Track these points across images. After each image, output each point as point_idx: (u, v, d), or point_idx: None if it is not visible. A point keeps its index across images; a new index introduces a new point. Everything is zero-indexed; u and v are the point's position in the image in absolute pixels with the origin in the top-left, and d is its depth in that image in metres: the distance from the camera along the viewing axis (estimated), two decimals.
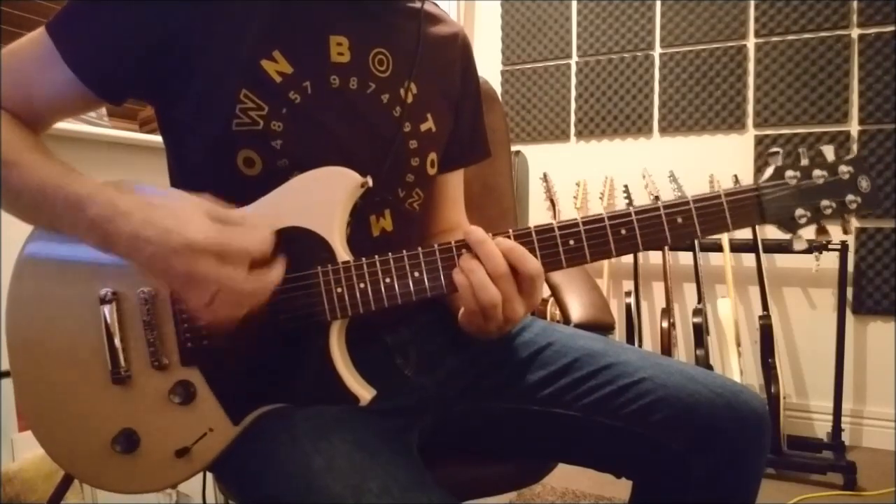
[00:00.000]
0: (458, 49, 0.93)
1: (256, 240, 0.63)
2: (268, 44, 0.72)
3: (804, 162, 0.70)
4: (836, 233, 0.72)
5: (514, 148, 2.65)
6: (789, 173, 0.70)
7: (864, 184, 0.70)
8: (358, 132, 0.77)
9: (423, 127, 0.84)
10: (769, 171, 0.70)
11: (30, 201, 0.67)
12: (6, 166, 0.66)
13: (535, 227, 0.70)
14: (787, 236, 0.71)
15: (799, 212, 0.70)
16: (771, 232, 2.35)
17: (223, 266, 0.60)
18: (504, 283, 0.67)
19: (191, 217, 0.61)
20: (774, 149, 0.71)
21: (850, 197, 0.70)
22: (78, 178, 0.66)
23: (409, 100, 0.81)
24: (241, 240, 0.62)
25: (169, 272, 0.61)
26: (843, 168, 0.70)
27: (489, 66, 2.90)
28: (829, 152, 0.70)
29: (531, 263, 0.68)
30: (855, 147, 2.35)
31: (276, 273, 0.65)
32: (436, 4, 0.93)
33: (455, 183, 0.99)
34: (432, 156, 0.86)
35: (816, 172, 0.70)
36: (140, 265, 0.63)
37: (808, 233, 0.71)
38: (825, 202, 0.70)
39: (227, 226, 0.62)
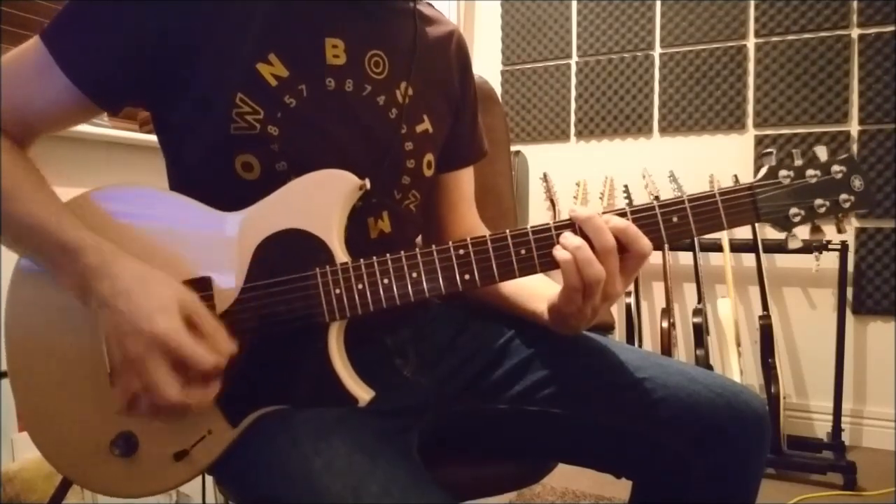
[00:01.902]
0: (454, 48, 0.93)
1: (212, 358, 0.63)
2: (263, 47, 0.72)
3: (798, 162, 0.71)
4: (835, 233, 0.72)
5: (514, 148, 2.65)
6: (783, 173, 0.70)
7: (857, 183, 0.70)
8: (354, 134, 0.78)
9: (420, 128, 0.84)
10: (763, 171, 0.71)
11: (21, 238, 0.68)
12: (4, 201, 0.66)
13: (532, 227, 0.71)
14: (783, 235, 0.71)
15: (793, 211, 0.70)
16: (771, 232, 2.35)
17: (166, 371, 0.61)
18: (610, 258, 0.68)
19: (167, 308, 0.62)
20: (768, 149, 0.72)
21: (843, 196, 0.70)
22: (75, 223, 0.66)
23: (405, 101, 0.82)
24: (197, 354, 0.62)
25: (120, 345, 0.62)
26: (836, 168, 0.70)
27: (489, 66, 2.91)
28: (822, 152, 0.70)
29: (644, 242, 0.69)
30: (855, 147, 2.35)
31: (204, 396, 0.65)
32: (430, 5, 0.93)
33: (468, 181, 1.00)
34: (428, 157, 0.86)
35: (809, 172, 0.70)
36: (102, 324, 0.64)
37: (804, 232, 0.72)
38: (819, 201, 0.70)
39: (196, 332, 0.63)
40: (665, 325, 2.36)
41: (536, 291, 0.83)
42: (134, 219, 0.72)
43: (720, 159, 2.54)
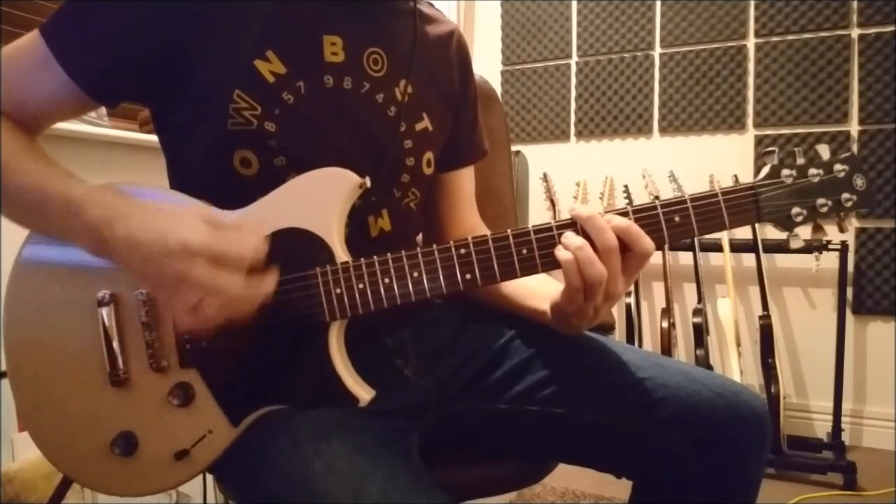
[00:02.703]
0: (454, 47, 0.93)
1: (251, 246, 0.63)
2: (261, 44, 0.72)
3: (800, 161, 0.71)
4: (835, 233, 0.72)
5: (514, 148, 2.65)
6: (785, 172, 0.70)
7: (859, 182, 0.70)
8: (352, 132, 0.77)
9: (419, 126, 0.84)
10: (765, 170, 0.71)
11: (25, 205, 0.67)
12: (3, 171, 0.66)
13: (534, 227, 0.71)
14: (785, 235, 0.71)
15: (795, 210, 0.70)
16: (771, 232, 2.35)
17: (217, 270, 0.60)
18: (611, 258, 0.68)
19: (187, 220, 0.61)
20: (770, 148, 0.72)
21: (845, 195, 0.70)
22: (74, 182, 0.66)
23: (404, 100, 0.81)
24: (236, 245, 0.62)
25: (162, 274, 0.61)
26: (839, 167, 0.70)
27: (489, 66, 2.90)
28: (824, 151, 0.70)
29: (647, 242, 0.69)
30: (855, 147, 2.35)
31: (268, 282, 0.65)
32: (430, 4, 0.93)
33: (468, 181, 1.00)
34: (428, 155, 0.86)
35: (812, 171, 0.70)
36: (134, 268, 0.63)
37: (805, 231, 0.71)
38: (821, 200, 0.70)
39: (222, 230, 0.62)
40: (665, 325, 2.36)
41: (538, 291, 0.83)
42: None
43: (720, 159, 2.54)
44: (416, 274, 0.70)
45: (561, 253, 0.69)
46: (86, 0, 0.70)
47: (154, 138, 0.81)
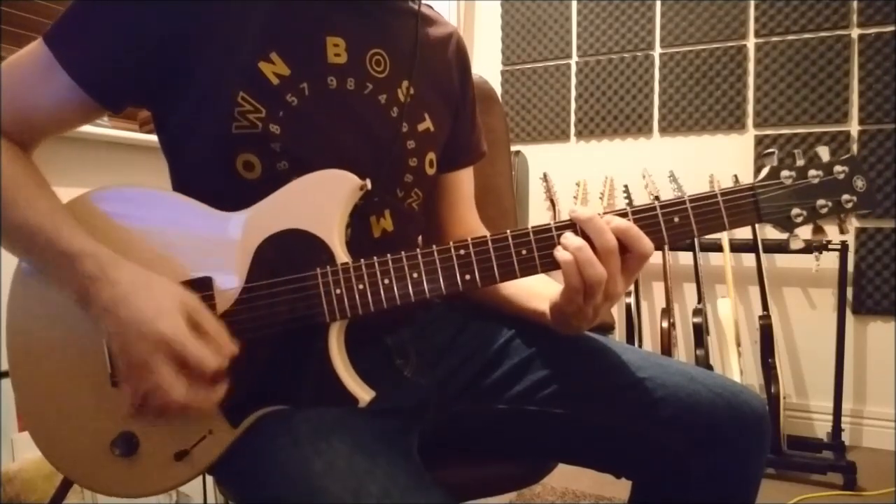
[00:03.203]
0: (454, 50, 0.93)
1: (215, 362, 0.64)
2: (265, 45, 0.72)
3: (800, 162, 0.71)
4: (835, 233, 0.72)
5: (514, 148, 2.66)
6: (785, 173, 0.70)
7: (859, 183, 0.70)
8: (356, 133, 0.78)
9: (421, 127, 0.84)
10: (765, 171, 0.71)
11: (19, 242, 0.68)
12: (4, 208, 0.66)
13: (533, 227, 0.71)
14: (785, 236, 0.71)
15: (795, 211, 0.70)
16: (771, 232, 2.35)
17: (172, 372, 0.62)
18: (611, 259, 0.68)
19: (169, 311, 0.63)
20: (769, 149, 0.72)
21: (845, 196, 0.70)
22: (73, 229, 0.66)
23: (406, 100, 0.82)
24: (202, 355, 0.63)
25: (125, 351, 0.63)
26: (839, 168, 0.70)
27: (489, 66, 2.91)
28: (824, 153, 0.70)
29: (646, 243, 0.69)
30: (855, 147, 2.35)
31: (212, 397, 0.65)
32: (430, 6, 0.93)
33: (468, 181, 1.00)
34: (430, 156, 0.86)
35: (812, 172, 0.70)
36: (106, 329, 0.64)
37: (805, 232, 0.71)
38: (821, 201, 0.70)
39: (198, 333, 0.64)
40: (665, 325, 2.36)
41: (538, 291, 0.83)
42: (135, 219, 0.72)
43: (720, 159, 2.54)
44: (415, 275, 0.70)
45: (560, 254, 0.69)
46: (88, 4, 0.70)
47: (154, 138, 0.81)
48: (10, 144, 0.71)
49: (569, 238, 0.69)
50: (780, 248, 2.33)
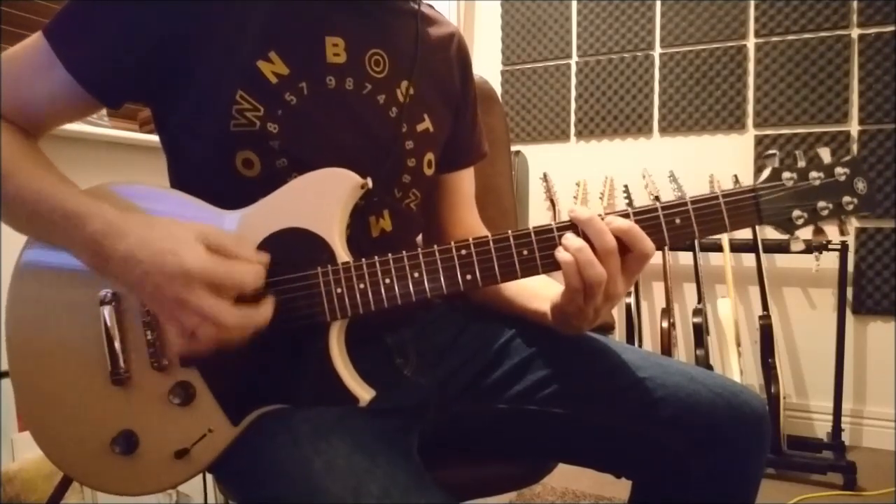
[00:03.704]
0: (455, 50, 0.93)
1: (251, 275, 0.63)
2: (264, 44, 0.72)
3: (801, 163, 0.71)
4: (835, 233, 0.72)
5: (514, 148, 2.65)
6: (786, 175, 0.70)
7: (860, 185, 0.70)
8: (354, 133, 0.78)
9: (420, 127, 0.84)
10: (766, 173, 0.71)
11: (26, 213, 0.68)
12: (4, 178, 0.67)
13: (535, 228, 0.71)
14: (785, 237, 0.71)
15: (796, 213, 0.70)
16: (771, 232, 2.35)
17: (214, 298, 0.61)
18: (611, 259, 0.68)
19: (188, 243, 0.62)
20: (771, 151, 0.72)
21: (846, 198, 0.70)
22: (76, 193, 0.67)
23: (406, 101, 0.82)
24: (235, 273, 0.62)
25: (157, 295, 0.61)
26: (840, 170, 0.70)
27: (489, 66, 2.91)
28: (825, 154, 0.70)
29: (647, 243, 0.69)
30: (855, 147, 2.35)
31: (264, 310, 0.65)
32: (431, 6, 0.93)
33: (468, 182, 1.00)
34: (429, 156, 0.86)
35: (813, 174, 0.70)
36: (130, 286, 0.64)
37: (806, 233, 0.71)
38: (822, 203, 0.70)
39: (222, 257, 0.63)
40: (665, 325, 2.36)
41: (538, 292, 0.83)
42: None
43: (720, 159, 2.54)
44: (416, 274, 0.70)
45: (561, 254, 0.69)
46: (87, 1, 0.70)
47: (154, 138, 0.81)
48: (10, 125, 0.71)
49: (569, 239, 0.69)
50: (781, 248, 2.33)
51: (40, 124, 0.75)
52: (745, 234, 2.36)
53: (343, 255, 0.70)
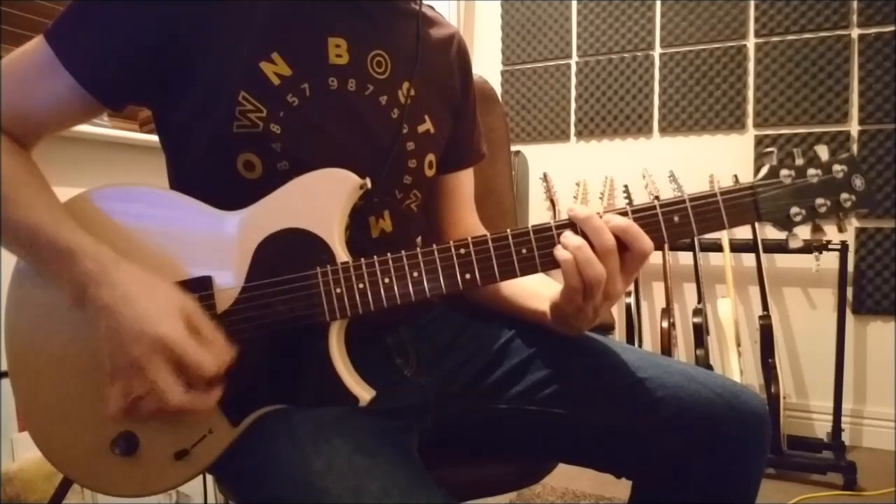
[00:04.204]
0: (455, 51, 0.93)
1: (213, 366, 0.63)
2: (266, 46, 0.72)
3: (799, 161, 0.71)
4: (835, 233, 0.72)
5: (514, 148, 2.66)
6: (784, 172, 0.70)
7: (858, 182, 0.70)
8: (356, 134, 0.78)
9: (421, 129, 0.84)
10: (764, 170, 0.71)
11: (17, 240, 0.68)
12: (2, 203, 0.66)
13: (533, 226, 0.71)
14: (784, 235, 0.71)
15: (794, 210, 0.70)
16: (771, 232, 2.35)
17: (170, 375, 0.61)
18: (610, 258, 0.68)
19: (170, 314, 0.63)
20: (769, 149, 0.72)
21: (844, 195, 0.70)
22: (72, 228, 0.66)
23: (407, 102, 0.82)
24: (201, 357, 0.62)
25: (120, 352, 0.62)
26: (837, 167, 0.70)
27: (489, 66, 2.91)
28: (823, 152, 0.70)
29: (646, 242, 0.69)
30: (855, 147, 2.35)
31: (208, 400, 0.65)
32: (431, 7, 0.93)
33: (468, 182, 1.00)
34: (430, 157, 0.86)
35: (811, 171, 0.70)
36: (99, 331, 0.64)
37: (805, 231, 0.72)
38: (820, 200, 0.70)
39: (198, 338, 0.63)
40: (665, 325, 2.36)
41: (537, 291, 0.83)
42: (134, 218, 0.72)
43: (720, 159, 2.54)
44: (415, 274, 0.70)
45: (560, 253, 0.69)
46: (90, 2, 0.70)
47: (154, 138, 0.81)
48: (10, 142, 0.71)
49: (568, 237, 0.69)
50: (780, 248, 2.33)
51: (42, 129, 0.74)
52: (745, 233, 2.36)
53: (342, 255, 0.70)
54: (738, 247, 2.40)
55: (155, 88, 0.73)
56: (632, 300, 2.49)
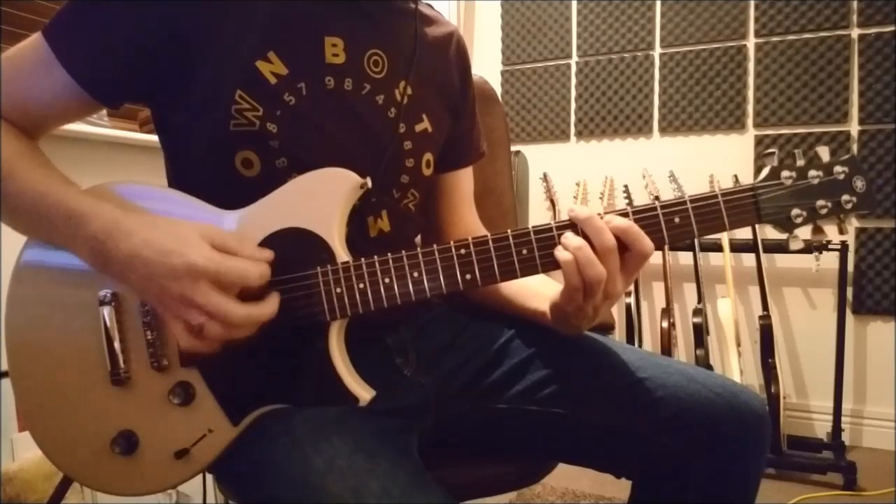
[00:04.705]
0: (454, 50, 0.93)
1: (255, 272, 0.64)
2: (263, 45, 0.72)
3: (800, 162, 0.71)
4: (835, 233, 0.72)
5: (514, 148, 2.66)
6: (785, 173, 0.70)
7: (859, 184, 0.70)
8: (353, 133, 0.78)
9: (419, 128, 0.84)
10: (765, 172, 0.71)
11: (27, 213, 0.68)
12: (4, 178, 0.67)
13: (534, 227, 0.71)
14: (784, 236, 0.71)
15: (795, 211, 0.70)
16: (771, 232, 2.35)
17: (220, 295, 0.61)
18: (610, 258, 0.68)
19: (193, 241, 0.62)
20: (770, 150, 0.72)
21: (845, 197, 0.70)
22: (78, 192, 0.67)
23: (404, 101, 0.82)
24: (241, 269, 0.62)
25: (163, 295, 0.62)
26: (838, 168, 0.70)
27: (489, 66, 2.90)
28: (824, 153, 0.70)
29: (646, 242, 0.69)
30: (855, 147, 2.35)
31: (270, 306, 0.65)
32: (430, 5, 0.93)
33: (467, 181, 1.00)
34: (427, 156, 0.86)
35: (812, 173, 0.70)
36: (133, 284, 0.64)
37: (805, 232, 0.71)
38: (821, 202, 0.70)
39: (227, 253, 0.63)
40: (665, 325, 2.36)
41: (538, 291, 0.83)
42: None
43: (720, 159, 2.54)
44: (416, 274, 0.70)
45: (560, 253, 0.69)
46: (87, 1, 0.70)
47: (154, 138, 0.81)
48: (10, 125, 0.71)
49: (569, 238, 0.69)
50: (780, 248, 2.33)
51: (40, 125, 0.75)
52: (745, 233, 2.37)
53: (342, 254, 0.70)
54: (738, 247, 2.40)
55: (153, 87, 0.73)
56: (632, 300, 2.49)
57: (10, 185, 0.67)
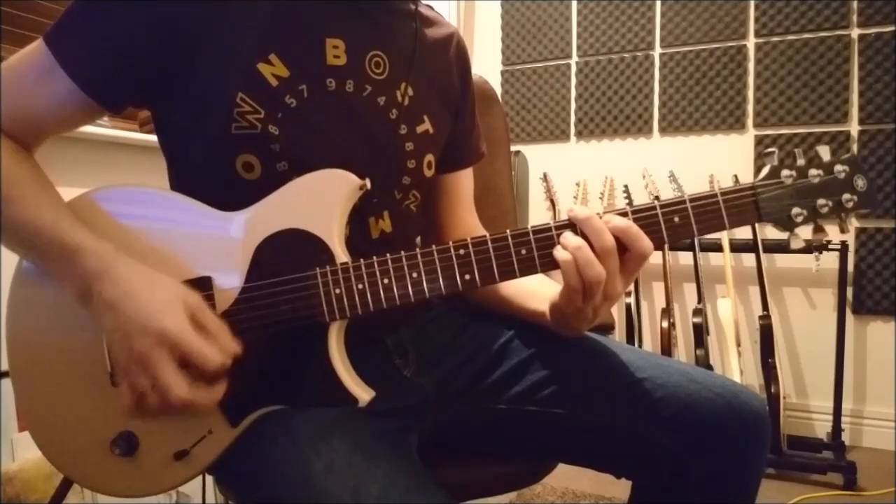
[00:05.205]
0: (454, 51, 0.93)
1: (217, 361, 0.63)
2: (264, 47, 0.72)
3: (800, 161, 0.71)
4: (835, 233, 0.72)
5: (514, 148, 2.66)
6: (785, 172, 0.70)
7: (860, 183, 0.70)
8: (354, 135, 0.78)
9: (420, 129, 0.84)
10: (765, 171, 0.71)
11: (19, 238, 0.68)
12: (4, 202, 0.66)
13: (533, 227, 0.71)
14: (785, 235, 0.71)
15: (795, 210, 0.70)
16: (771, 232, 2.35)
17: (174, 370, 0.61)
18: (609, 259, 0.68)
19: (174, 308, 0.63)
20: (770, 149, 0.72)
21: (846, 196, 0.70)
22: (74, 224, 0.67)
23: (405, 102, 0.82)
24: (206, 351, 0.62)
25: (125, 346, 0.62)
26: (839, 167, 0.70)
27: (489, 66, 2.90)
28: (824, 152, 0.70)
29: (646, 243, 0.68)
30: (855, 147, 2.35)
31: (212, 395, 0.65)
32: (430, 7, 0.93)
33: (467, 182, 1.00)
34: (429, 157, 0.86)
35: (812, 172, 0.70)
36: (104, 327, 0.64)
37: (806, 232, 0.71)
38: (821, 201, 0.70)
39: (202, 332, 0.63)
40: (665, 325, 2.36)
41: (537, 292, 0.83)
42: (134, 219, 0.72)
43: (720, 159, 2.54)
44: (415, 275, 0.70)
45: (560, 253, 0.69)
46: (88, 5, 0.70)
47: (154, 138, 0.81)
48: (11, 142, 0.71)
49: (568, 238, 0.69)
50: (780, 248, 2.33)
51: (43, 131, 0.75)
52: (745, 233, 2.36)
53: (342, 255, 0.70)
54: (738, 247, 2.40)
55: (154, 91, 0.73)
56: (632, 300, 2.49)
57: (9, 209, 0.67)
